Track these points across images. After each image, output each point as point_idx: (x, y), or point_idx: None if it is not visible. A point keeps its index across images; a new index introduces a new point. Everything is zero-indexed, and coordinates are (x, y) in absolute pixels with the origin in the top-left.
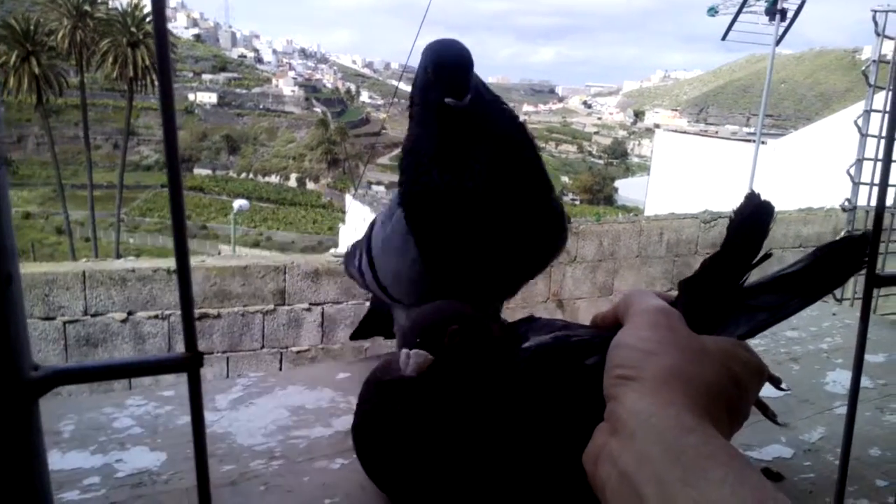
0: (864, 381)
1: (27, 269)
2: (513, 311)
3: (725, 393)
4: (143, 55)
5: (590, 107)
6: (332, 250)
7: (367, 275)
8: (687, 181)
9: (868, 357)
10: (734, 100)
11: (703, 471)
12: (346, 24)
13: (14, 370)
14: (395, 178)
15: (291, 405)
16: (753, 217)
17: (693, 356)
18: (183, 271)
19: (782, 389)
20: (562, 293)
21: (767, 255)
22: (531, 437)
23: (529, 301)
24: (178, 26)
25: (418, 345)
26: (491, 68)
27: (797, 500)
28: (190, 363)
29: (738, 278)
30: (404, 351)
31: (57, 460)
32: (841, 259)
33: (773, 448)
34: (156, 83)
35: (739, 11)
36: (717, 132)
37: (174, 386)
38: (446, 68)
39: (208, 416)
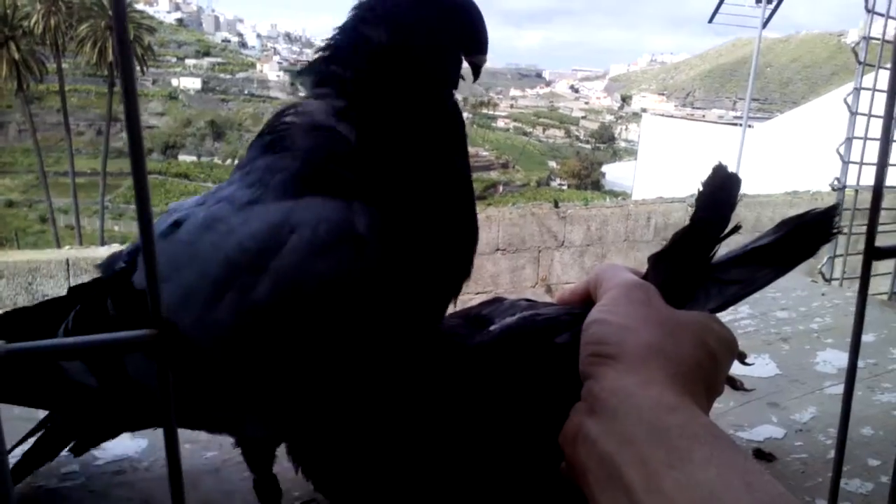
0: None
1: (10, 257)
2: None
3: (702, 368)
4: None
5: (577, 91)
6: None
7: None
8: (674, 165)
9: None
10: (721, 84)
11: (688, 451)
12: (331, 8)
13: None
14: None
15: None
16: (721, 190)
17: (671, 331)
18: (147, 234)
19: (747, 364)
20: (550, 278)
21: (736, 228)
22: (505, 423)
23: (518, 286)
24: (160, 11)
25: None
26: None
27: (790, 480)
28: (156, 341)
29: (708, 252)
30: None
31: None
32: (809, 232)
33: (765, 428)
34: (138, 67)
35: None
36: (703, 116)
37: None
38: (468, 14)
39: None
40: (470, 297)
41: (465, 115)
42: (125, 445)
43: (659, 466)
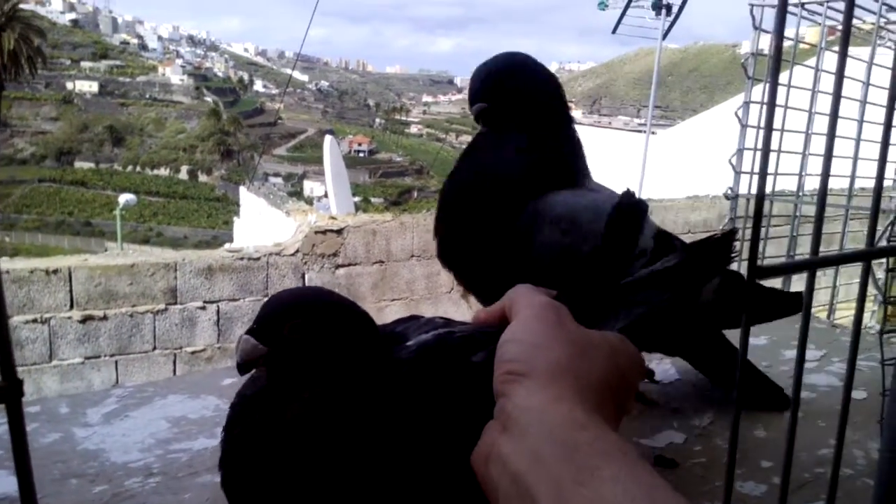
0: None
1: None
2: (417, 303)
3: (612, 385)
4: (10, 39)
5: None
6: (227, 245)
7: None
8: None
9: (751, 340)
10: (625, 91)
11: (597, 469)
12: (237, 10)
13: None
14: (293, 168)
15: (172, 416)
16: (628, 216)
17: (582, 350)
18: None
19: (655, 382)
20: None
21: (643, 251)
22: (418, 441)
23: (434, 293)
24: (54, 11)
25: (254, 331)
26: (388, 58)
27: (690, 486)
28: (6, 393)
29: (616, 273)
30: (241, 335)
31: None
32: (708, 256)
33: (666, 434)
34: (26, 70)
35: (627, 6)
36: (610, 123)
37: (40, 401)
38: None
39: (77, 433)
40: (385, 303)
41: (377, 120)
42: (4, 483)
43: (568, 484)
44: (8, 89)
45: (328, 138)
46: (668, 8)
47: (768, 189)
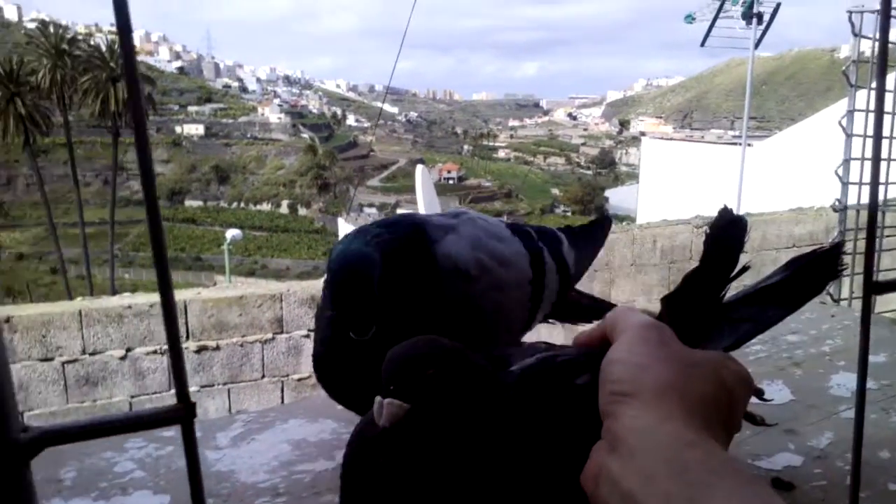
0: (868, 383)
1: (23, 310)
2: None
3: (719, 404)
4: (123, 90)
5: (575, 118)
6: None
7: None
8: (676, 187)
9: (870, 358)
10: (717, 104)
11: (709, 487)
12: (329, 50)
13: (3, 434)
14: (387, 199)
15: (293, 439)
16: (727, 232)
17: (686, 369)
18: (170, 320)
19: (764, 400)
20: None
21: (745, 269)
22: (527, 464)
23: None
24: (161, 60)
25: (392, 392)
26: (475, 86)
27: None
28: (184, 414)
29: (719, 292)
30: (377, 400)
31: None
32: (815, 270)
33: (783, 456)
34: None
35: (716, 18)
36: (702, 137)
37: (174, 425)
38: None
39: (209, 455)
40: None
41: (465, 147)
42: (148, 503)
43: (681, 502)
44: (123, 136)
45: (419, 167)
46: (760, 16)
47: (880, 199)
